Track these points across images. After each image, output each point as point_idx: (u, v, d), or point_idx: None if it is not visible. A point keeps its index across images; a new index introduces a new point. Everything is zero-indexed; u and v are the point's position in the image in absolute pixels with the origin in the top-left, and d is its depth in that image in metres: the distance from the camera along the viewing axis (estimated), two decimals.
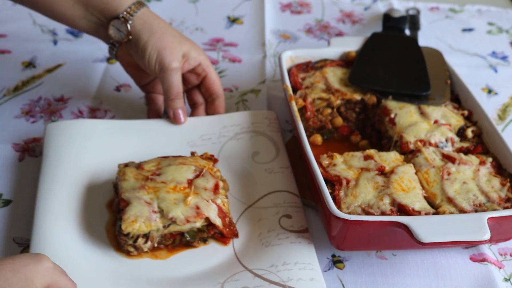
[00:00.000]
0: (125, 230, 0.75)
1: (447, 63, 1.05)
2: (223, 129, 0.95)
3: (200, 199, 0.79)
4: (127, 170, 0.82)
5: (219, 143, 0.93)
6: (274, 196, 0.86)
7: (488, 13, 1.42)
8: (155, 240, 0.79)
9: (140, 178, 0.81)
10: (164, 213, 0.77)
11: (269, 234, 0.80)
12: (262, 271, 0.75)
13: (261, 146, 0.93)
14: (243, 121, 0.96)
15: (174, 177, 0.81)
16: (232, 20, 1.34)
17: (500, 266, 0.82)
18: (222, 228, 0.79)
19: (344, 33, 1.33)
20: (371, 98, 0.97)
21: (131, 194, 0.78)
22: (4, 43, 1.21)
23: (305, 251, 0.78)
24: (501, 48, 1.30)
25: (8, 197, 0.88)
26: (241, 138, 0.94)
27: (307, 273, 0.75)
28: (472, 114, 0.95)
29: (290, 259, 0.76)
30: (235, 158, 0.92)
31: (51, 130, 0.91)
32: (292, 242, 0.79)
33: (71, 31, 1.26)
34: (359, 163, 0.84)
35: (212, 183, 0.82)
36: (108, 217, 0.83)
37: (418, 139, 0.89)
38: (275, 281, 0.74)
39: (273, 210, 0.84)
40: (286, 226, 0.81)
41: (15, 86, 1.10)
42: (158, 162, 0.84)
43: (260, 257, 0.77)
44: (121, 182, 0.80)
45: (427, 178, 0.83)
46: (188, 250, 0.80)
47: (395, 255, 0.82)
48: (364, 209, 0.78)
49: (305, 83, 0.99)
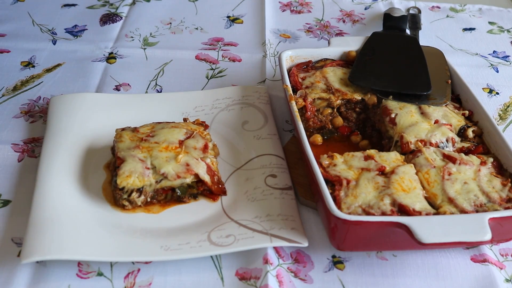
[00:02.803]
0: (120, 184, 0.82)
1: (448, 62, 1.04)
2: (215, 102, 1.02)
3: (190, 157, 0.85)
4: (123, 133, 0.89)
5: (211, 114, 1.00)
6: (261, 159, 0.92)
7: (489, 13, 1.42)
8: (148, 195, 0.85)
9: (135, 139, 0.87)
10: (157, 169, 0.84)
11: (255, 191, 0.87)
12: (247, 221, 0.82)
13: (250, 116, 1.00)
14: (234, 94, 1.03)
15: (166, 138, 0.87)
16: (232, 20, 1.34)
17: (501, 267, 0.82)
18: (211, 185, 0.85)
19: (344, 32, 1.32)
20: (372, 98, 0.97)
21: (126, 152, 0.85)
22: (3, 43, 1.21)
23: (288, 205, 0.84)
24: (502, 47, 1.30)
25: (7, 197, 0.87)
26: (232, 109, 1.01)
27: (289, 223, 0.81)
28: (473, 114, 0.95)
29: (273, 212, 0.83)
30: (226, 126, 0.99)
31: (55, 102, 0.99)
32: (276, 198, 0.85)
33: (70, 30, 1.26)
34: (359, 163, 0.84)
35: (201, 143, 0.88)
36: (105, 177, 0.89)
37: (418, 139, 0.89)
38: (258, 229, 0.80)
39: (260, 171, 0.90)
40: (271, 184, 0.88)
41: (14, 86, 1.10)
42: (152, 126, 0.91)
43: (245, 210, 0.84)
44: (118, 143, 0.87)
45: (427, 178, 0.83)
46: (179, 205, 0.86)
47: (396, 256, 0.82)
48: (365, 209, 0.77)
49: (305, 83, 0.99)
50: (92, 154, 0.92)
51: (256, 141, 0.95)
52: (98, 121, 0.97)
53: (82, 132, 0.94)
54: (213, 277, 0.78)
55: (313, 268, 0.80)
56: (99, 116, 0.97)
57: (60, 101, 0.99)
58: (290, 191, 0.87)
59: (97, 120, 0.97)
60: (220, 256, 0.81)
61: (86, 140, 0.94)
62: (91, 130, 0.95)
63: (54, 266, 0.78)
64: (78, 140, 0.93)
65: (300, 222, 0.82)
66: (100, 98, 1.01)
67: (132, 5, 1.38)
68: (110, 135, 0.92)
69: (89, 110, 0.98)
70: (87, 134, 0.94)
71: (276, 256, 0.80)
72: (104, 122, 0.96)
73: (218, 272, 0.79)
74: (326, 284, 0.78)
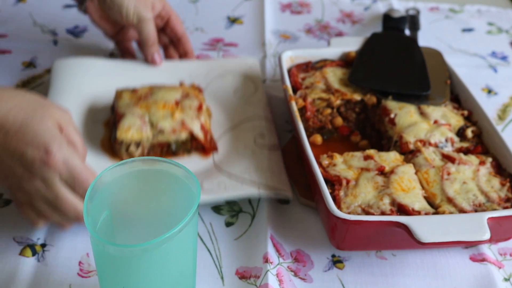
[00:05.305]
0: (120, 137, 0.89)
1: (447, 63, 1.05)
2: (210, 71, 1.09)
3: (185, 115, 0.92)
4: (123, 93, 0.96)
5: (206, 81, 1.08)
6: (251, 121, 1.00)
7: (488, 13, 1.43)
8: (145, 149, 0.91)
9: (134, 98, 0.94)
10: (154, 125, 0.91)
11: (245, 149, 0.94)
12: (237, 174, 0.89)
13: (242, 84, 1.08)
14: (228, 65, 1.11)
15: (163, 97, 0.94)
16: (232, 20, 1.34)
17: (500, 266, 0.82)
18: (204, 142, 0.92)
19: (344, 33, 1.33)
20: (371, 98, 0.97)
21: (126, 109, 0.92)
22: (5, 43, 1.21)
23: (275, 161, 0.92)
24: (501, 48, 1.30)
25: (8, 197, 0.88)
26: (225, 78, 1.09)
27: (275, 177, 0.88)
28: (472, 114, 0.95)
29: (261, 167, 0.90)
30: (219, 92, 1.07)
31: (58, 65, 1.05)
32: (264, 155, 0.93)
33: (71, 31, 1.26)
34: (359, 163, 0.84)
35: (196, 103, 0.95)
36: (104, 134, 0.96)
37: (418, 139, 0.89)
38: (247, 180, 0.87)
39: (250, 131, 0.98)
40: (260, 143, 0.95)
41: (15, 86, 1.10)
42: (150, 88, 0.97)
43: (235, 165, 0.91)
44: (118, 101, 0.94)
45: (427, 178, 0.83)
46: (173, 158, 0.92)
47: (395, 255, 0.83)
48: (364, 209, 0.78)
49: (305, 83, 0.99)
50: (93, 113, 0.99)
51: (246, 106, 1.03)
52: (98, 84, 1.03)
53: (83, 93, 1.00)
54: (213, 276, 0.78)
55: (312, 267, 0.81)
56: (99, 80, 1.04)
57: (62, 64, 1.05)
58: (278, 150, 0.94)
59: (98, 83, 1.03)
60: (220, 255, 0.81)
61: (87, 100, 1.00)
62: (92, 92, 1.01)
63: (55, 265, 0.78)
64: (80, 100, 0.99)
65: (286, 177, 0.89)
66: (102, 63, 1.07)
67: None
68: (110, 97, 0.99)
69: (90, 74, 1.04)
70: (88, 95, 1.01)
71: (276, 254, 0.81)
72: (104, 85, 1.02)
73: (218, 271, 0.79)
74: (325, 283, 0.79)
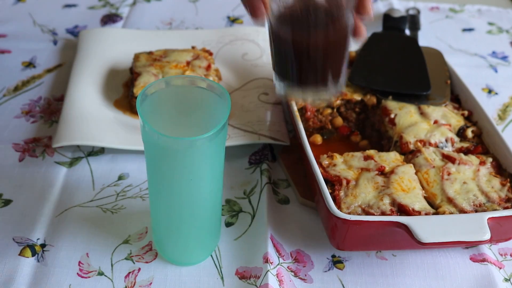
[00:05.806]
0: (136, 93, 0.98)
1: (447, 63, 1.05)
2: (221, 38, 1.21)
3: (195, 73, 1.02)
4: (140, 55, 1.07)
5: (217, 47, 1.19)
6: (256, 81, 1.10)
7: (488, 13, 1.42)
8: None
9: (150, 59, 1.05)
10: None
11: (249, 104, 1.04)
12: (240, 125, 0.98)
13: (249, 49, 1.18)
14: (237, 32, 1.23)
15: (176, 58, 1.05)
16: (232, 20, 1.34)
17: (500, 266, 0.82)
18: None
19: None
20: (371, 98, 0.97)
21: (142, 69, 1.02)
22: (4, 43, 1.21)
23: (276, 114, 1.01)
24: (501, 48, 1.30)
25: (8, 197, 0.88)
26: (234, 43, 1.20)
27: (275, 127, 0.98)
28: (472, 114, 0.95)
29: (262, 119, 1.00)
30: (228, 56, 1.17)
31: (84, 35, 1.19)
32: (267, 109, 1.02)
33: (71, 30, 1.26)
34: (359, 163, 0.84)
35: (205, 63, 1.05)
36: (122, 93, 1.06)
37: (418, 139, 0.89)
38: (249, 130, 0.97)
39: (255, 90, 1.08)
40: (263, 99, 1.05)
41: (15, 86, 1.10)
42: (164, 51, 1.08)
43: (239, 118, 1.00)
44: (135, 62, 1.05)
45: (427, 178, 0.83)
46: None
47: (395, 256, 0.83)
48: (364, 209, 0.78)
49: None
50: (114, 75, 1.10)
51: (253, 68, 1.14)
52: (119, 51, 1.15)
53: (106, 58, 1.13)
54: (213, 277, 0.78)
55: (313, 268, 0.81)
56: (121, 47, 1.16)
57: (88, 34, 1.19)
58: (279, 105, 1.04)
59: (119, 50, 1.15)
60: (220, 256, 0.81)
61: (109, 64, 1.12)
62: (113, 57, 1.14)
63: (54, 266, 0.78)
64: (103, 63, 1.11)
65: (285, 128, 0.99)
66: (123, 32, 1.21)
67: (133, 5, 1.38)
68: (129, 61, 1.11)
69: (113, 41, 1.17)
70: (110, 59, 1.13)
71: (276, 255, 0.81)
72: (125, 51, 1.14)
73: (218, 272, 0.79)
74: (326, 283, 0.79)
